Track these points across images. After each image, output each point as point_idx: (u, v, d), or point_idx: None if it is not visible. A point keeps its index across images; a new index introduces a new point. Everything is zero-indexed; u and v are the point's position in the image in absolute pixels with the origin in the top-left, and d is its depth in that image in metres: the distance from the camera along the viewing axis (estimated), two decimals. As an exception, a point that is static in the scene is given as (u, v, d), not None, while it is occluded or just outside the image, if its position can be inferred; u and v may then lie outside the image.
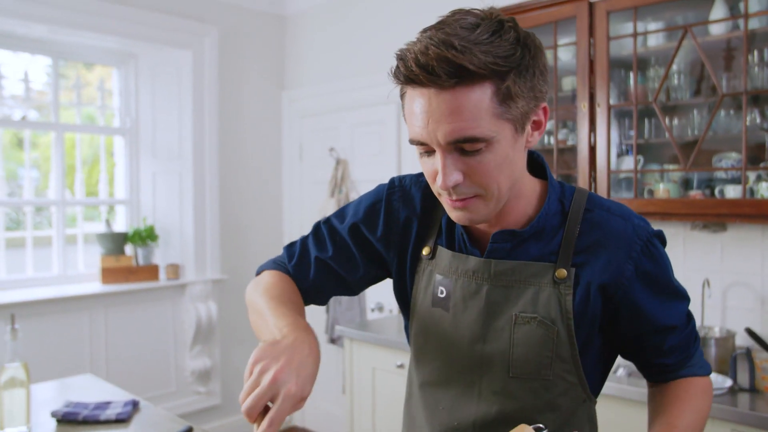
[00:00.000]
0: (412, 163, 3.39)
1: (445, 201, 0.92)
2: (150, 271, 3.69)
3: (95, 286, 3.52)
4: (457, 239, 1.03)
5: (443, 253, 1.03)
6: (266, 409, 0.80)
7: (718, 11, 2.19)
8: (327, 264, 1.12)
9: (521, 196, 0.98)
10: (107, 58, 3.84)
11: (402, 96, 0.91)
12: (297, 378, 0.81)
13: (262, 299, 1.03)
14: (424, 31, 0.86)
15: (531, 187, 1.00)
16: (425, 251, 1.06)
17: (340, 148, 3.81)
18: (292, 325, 0.91)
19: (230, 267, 3.89)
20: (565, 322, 0.95)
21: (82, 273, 3.68)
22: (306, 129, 4.07)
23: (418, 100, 0.85)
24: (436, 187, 0.91)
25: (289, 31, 4.16)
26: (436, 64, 0.80)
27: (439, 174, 0.87)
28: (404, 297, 1.12)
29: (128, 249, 3.76)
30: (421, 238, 1.07)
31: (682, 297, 1.02)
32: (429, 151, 0.89)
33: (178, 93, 3.78)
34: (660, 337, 1.00)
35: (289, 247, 1.17)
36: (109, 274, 3.56)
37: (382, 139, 3.59)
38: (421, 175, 1.10)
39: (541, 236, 0.98)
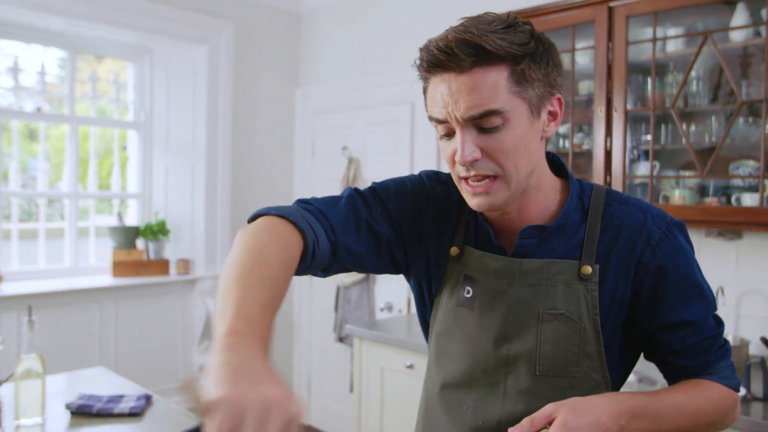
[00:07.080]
0: (425, 164, 3.39)
1: (465, 188, 0.94)
2: (160, 266, 3.70)
3: (106, 279, 3.54)
4: (483, 237, 1.03)
5: (471, 252, 1.03)
6: None
7: (740, 18, 2.17)
8: (370, 226, 1.02)
9: (541, 188, 0.99)
10: (123, 52, 3.86)
11: (424, 91, 0.95)
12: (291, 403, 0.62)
13: (239, 270, 0.80)
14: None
15: (550, 181, 1.01)
16: (453, 251, 1.05)
17: (353, 147, 3.81)
18: (233, 334, 0.68)
19: (240, 263, 3.89)
20: (592, 318, 0.96)
21: (94, 266, 3.70)
22: (319, 126, 4.07)
23: (440, 85, 0.90)
24: (456, 170, 0.93)
25: (304, 28, 4.16)
26: (455, 45, 0.86)
27: (458, 151, 0.90)
28: (428, 297, 1.10)
29: (139, 243, 3.78)
30: (451, 238, 1.06)
31: (704, 294, 0.98)
32: (449, 133, 0.92)
33: (192, 88, 3.79)
34: (674, 332, 0.97)
35: (327, 201, 1.02)
36: (120, 268, 3.58)
37: (396, 138, 3.58)
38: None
39: (564, 232, 0.99)
